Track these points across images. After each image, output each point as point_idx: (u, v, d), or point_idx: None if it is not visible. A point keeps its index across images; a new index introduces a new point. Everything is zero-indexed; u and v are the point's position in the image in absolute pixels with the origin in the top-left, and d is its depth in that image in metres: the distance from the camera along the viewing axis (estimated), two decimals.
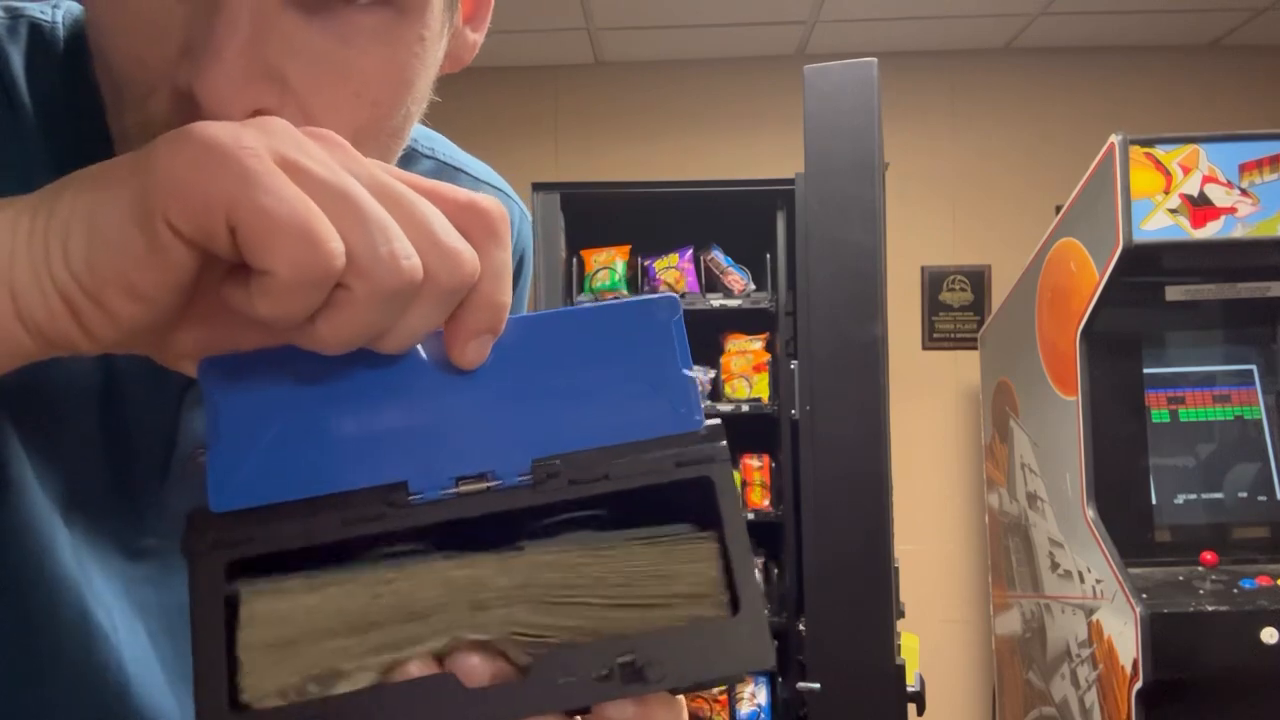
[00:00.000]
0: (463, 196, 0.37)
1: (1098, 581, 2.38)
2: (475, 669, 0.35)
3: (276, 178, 0.33)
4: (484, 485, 0.37)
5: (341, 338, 0.35)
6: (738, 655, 0.35)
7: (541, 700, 0.34)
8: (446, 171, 0.69)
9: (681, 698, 0.38)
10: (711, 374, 3.37)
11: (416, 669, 0.35)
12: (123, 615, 0.54)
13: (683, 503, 0.38)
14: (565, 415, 0.38)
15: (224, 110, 0.40)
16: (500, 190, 0.73)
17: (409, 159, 0.66)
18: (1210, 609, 2.21)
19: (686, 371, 0.39)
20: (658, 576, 0.37)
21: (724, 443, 0.38)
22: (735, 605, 0.36)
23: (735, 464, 3.35)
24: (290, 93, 0.43)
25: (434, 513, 0.37)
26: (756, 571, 0.36)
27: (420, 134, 0.68)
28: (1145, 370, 2.53)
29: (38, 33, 0.53)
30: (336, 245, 0.33)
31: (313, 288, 0.33)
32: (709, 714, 3.24)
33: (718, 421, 0.39)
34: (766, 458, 3.34)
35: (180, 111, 0.42)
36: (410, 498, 0.37)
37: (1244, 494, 2.49)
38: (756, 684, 3.30)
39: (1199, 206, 2.29)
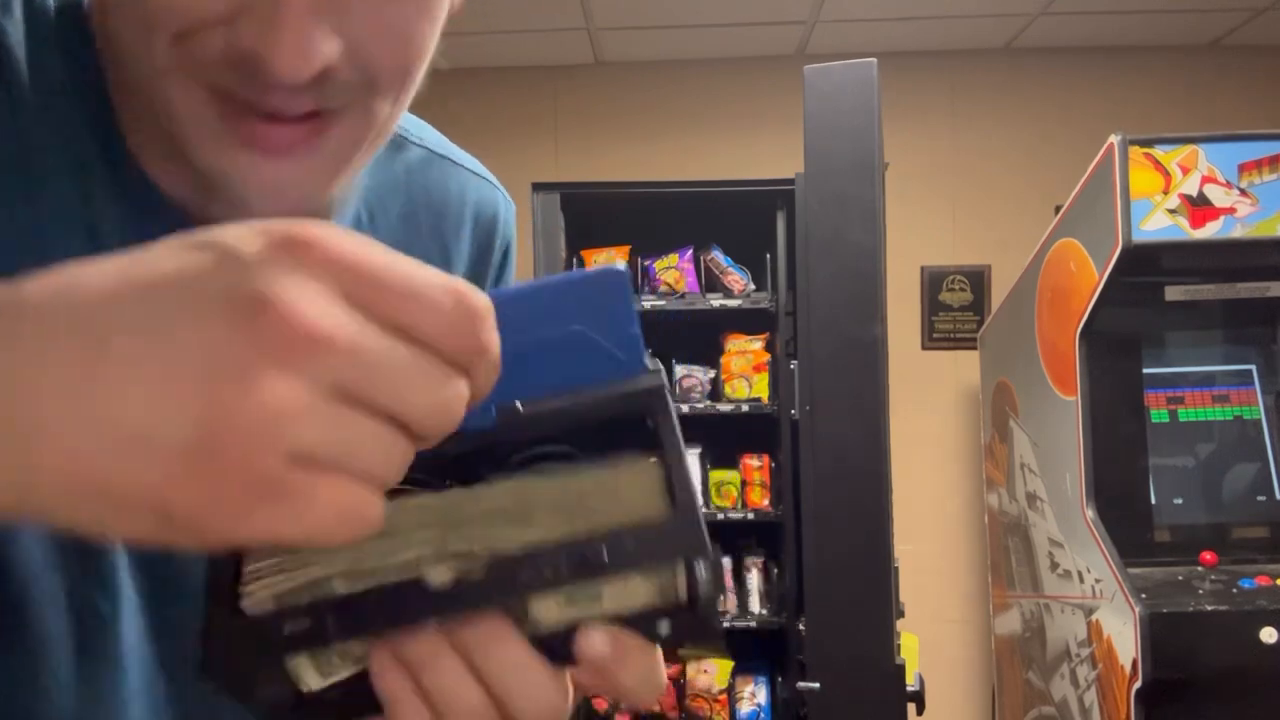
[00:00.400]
0: (451, 302, 0.35)
1: (1097, 581, 2.38)
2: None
3: (313, 497, 0.33)
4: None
5: None
6: (675, 545, 0.40)
7: (497, 592, 0.39)
8: (436, 160, 0.70)
9: (659, 651, 0.41)
10: (711, 374, 3.37)
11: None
12: (129, 599, 0.54)
13: (635, 439, 0.42)
14: (524, 371, 0.41)
15: (295, 76, 0.43)
16: (487, 180, 0.75)
17: (400, 146, 0.67)
18: (1209, 609, 2.21)
19: (633, 330, 0.42)
20: (607, 493, 0.41)
21: (663, 380, 0.42)
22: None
23: (735, 464, 3.36)
24: (347, 50, 0.45)
25: None
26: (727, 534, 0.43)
27: (410, 123, 0.69)
28: (1145, 370, 2.54)
29: (30, 6, 0.53)
30: (375, 512, 0.34)
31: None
32: (709, 714, 3.25)
33: (658, 366, 0.43)
34: (766, 458, 3.34)
35: (239, 69, 0.45)
36: None
37: (1243, 494, 2.49)
38: (756, 684, 3.30)
39: (1198, 206, 2.29)
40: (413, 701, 0.39)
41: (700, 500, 0.42)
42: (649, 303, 3.31)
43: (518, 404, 0.41)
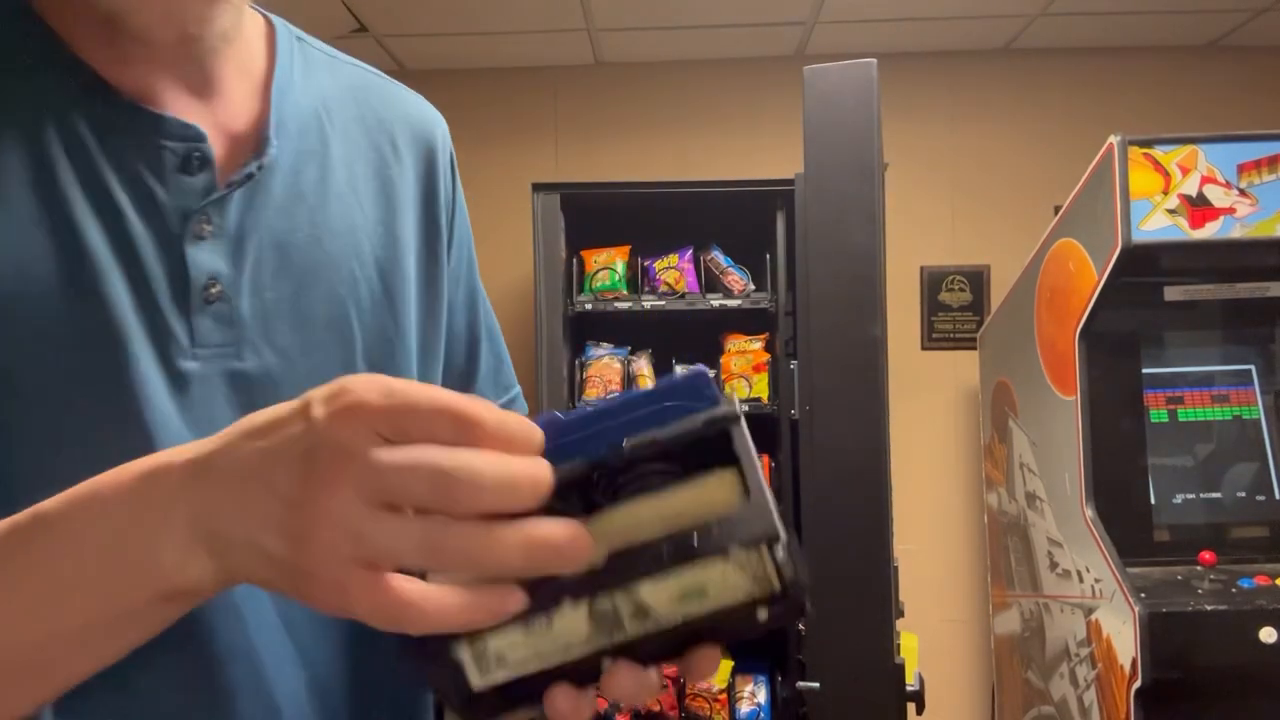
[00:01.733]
0: (438, 410, 0.47)
1: (1096, 581, 2.38)
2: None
3: (360, 590, 0.47)
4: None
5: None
6: (750, 529, 0.48)
7: (617, 577, 0.48)
8: (373, 79, 0.79)
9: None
10: (711, 374, 3.37)
11: None
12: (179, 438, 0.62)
13: (718, 458, 0.52)
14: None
15: None
16: (418, 96, 0.84)
17: (336, 65, 0.77)
18: (1209, 608, 2.22)
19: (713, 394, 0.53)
20: (697, 501, 0.50)
21: (736, 406, 0.52)
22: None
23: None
24: None
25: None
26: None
27: (341, 51, 0.79)
28: (1144, 370, 2.54)
29: None
30: (410, 599, 0.47)
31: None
32: (709, 714, 3.25)
33: (732, 398, 0.53)
34: (766, 458, 3.34)
35: None
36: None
37: (1242, 494, 2.49)
38: (756, 683, 3.30)
39: (1197, 207, 2.29)
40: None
41: (771, 496, 0.50)
42: (649, 303, 3.31)
43: (624, 441, 0.51)
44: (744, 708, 3.26)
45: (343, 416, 0.47)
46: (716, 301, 3.31)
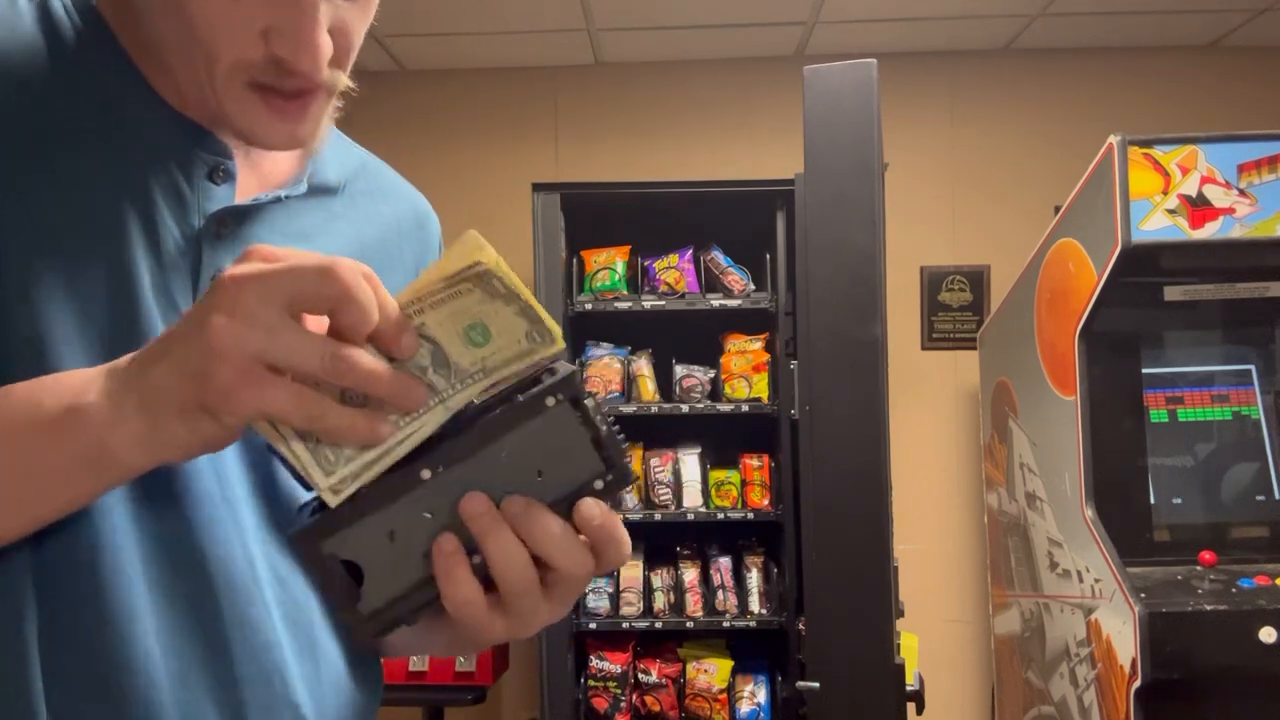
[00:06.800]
0: (314, 262, 0.57)
1: (1096, 581, 2.39)
2: None
3: (265, 384, 0.56)
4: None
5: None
6: (557, 384, 0.60)
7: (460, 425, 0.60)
8: (375, 163, 0.90)
9: (619, 520, 0.63)
10: (711, 374, 3.37)
11: None
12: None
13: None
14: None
15: (316, 71, 0.66)
16: (416, 190, 0.95)
17: (350, 143, 0.88)
18: (1208, 608, 2.22)
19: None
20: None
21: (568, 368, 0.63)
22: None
23: (735, 464, 3.36)
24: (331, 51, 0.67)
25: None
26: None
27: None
28: (1144, 370, 2.54)
29: None
30: (310, 404, 0.58)
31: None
32: (709, 714, 3.25)
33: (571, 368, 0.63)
34: (766, 458, 3.34)
35: (274, 68, 0.66)
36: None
37: (1242, 494, 2.50)
38: (756, 683, 3.30)
39: (1197, 207, 2.29)
40: (467, 576, 0.59)
41: (576, 370, 0.61)
42: (649, 303, 3.31)
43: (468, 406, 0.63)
44: (744, 708, 3.26)
45: (243, 268, 0.56)
46: (716, 301, 3.31)
